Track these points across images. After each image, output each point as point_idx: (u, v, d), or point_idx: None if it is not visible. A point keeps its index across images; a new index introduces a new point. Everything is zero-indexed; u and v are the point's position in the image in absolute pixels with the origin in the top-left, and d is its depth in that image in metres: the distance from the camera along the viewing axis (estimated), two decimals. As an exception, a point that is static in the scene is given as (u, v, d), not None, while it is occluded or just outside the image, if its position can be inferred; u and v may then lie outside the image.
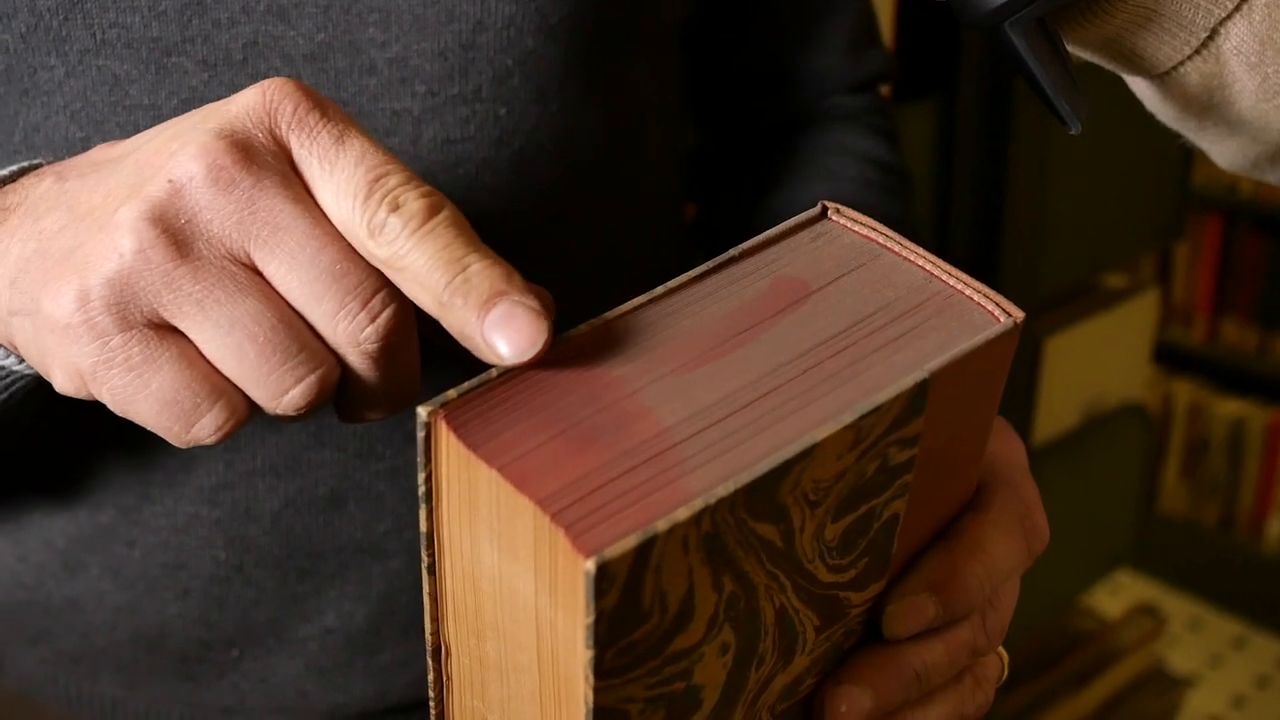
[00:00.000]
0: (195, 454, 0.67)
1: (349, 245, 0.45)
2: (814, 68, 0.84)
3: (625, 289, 0.49)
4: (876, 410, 0.44)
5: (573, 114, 0.68)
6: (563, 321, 0.48)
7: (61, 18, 0.60)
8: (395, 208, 0.44)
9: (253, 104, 0.46)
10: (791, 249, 0.51)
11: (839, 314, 0.48)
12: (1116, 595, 2.64)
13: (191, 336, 0.45)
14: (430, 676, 0.50)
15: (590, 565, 0.39)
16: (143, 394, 0.45)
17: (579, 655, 0.41)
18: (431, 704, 0.50)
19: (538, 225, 0.68)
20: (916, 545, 0.54)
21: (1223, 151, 0.63)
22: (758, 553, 0.44)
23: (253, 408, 0.47)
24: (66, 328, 0.45)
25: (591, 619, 0.40)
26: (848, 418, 0.43)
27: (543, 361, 0.45)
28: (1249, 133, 0.59)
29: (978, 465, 0.55)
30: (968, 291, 0.49)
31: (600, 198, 0.72)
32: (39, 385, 0.53)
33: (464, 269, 0.44)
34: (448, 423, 0.43)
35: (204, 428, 0.46)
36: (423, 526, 0.46)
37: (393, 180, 0.45)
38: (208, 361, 0.45)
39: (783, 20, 0.82)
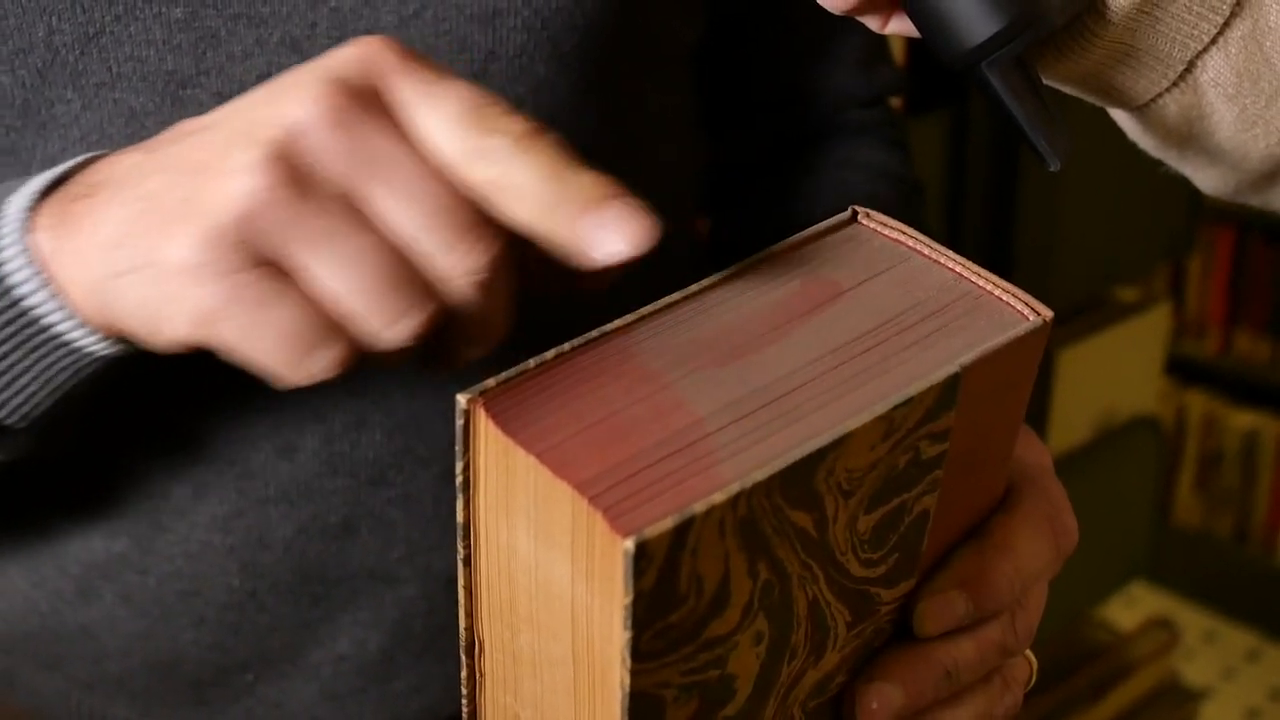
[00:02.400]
0: (207, 482, 0.67)
1: (454, 185, 0.46)
2: (827, 83, 0.84)
3: (638, 307, 0.50)
4: (909, 402, 0.45)
5: (585, 140, 0.68)
6: (569, 337, 0.49)
7: (78, 52, 0.60)
8: (501, 131, 0.46)
9: (353, 55, 0.47)
10: (822, 251, 0.52)
11: (870, 312, 0.49)
12: (1131, 608, 2.63)
13: (311, 271, 0.46)
14: (463, 673, 0.50)
15: (629, 544, 0.40)
16: (268, 330, 0.46)
17: (616, 639, 0.42)
18: (464, 701, 0.51)
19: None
20: (946, 545, 0.55)
21: (1205, 179, 0.63)
22: (792, 541, 0.45)
23: (356, 349, 0.48)
24: (196, 268, 0.45)
25: (630, 599, 0.41)
26: (881, 408, 0.45)
27: (579, 354, 0.47)
28: (1229, 161, 0.59)
29: (1007, 466, 0.56)
30: (996, 292, 0.50)
31: (611, 220, 0.73)
32: (103, 372, 0.54)
33: (575, 175, 0.46)
34: (486, 410, 0.44)
35: (319, 360, 0.47)
36: (459, 517, 0.46)
37: (496, 108, 0.46)
38: (319, 298, 0.46)
39: (795, 37, 0.82)
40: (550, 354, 0.46)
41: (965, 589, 0.53)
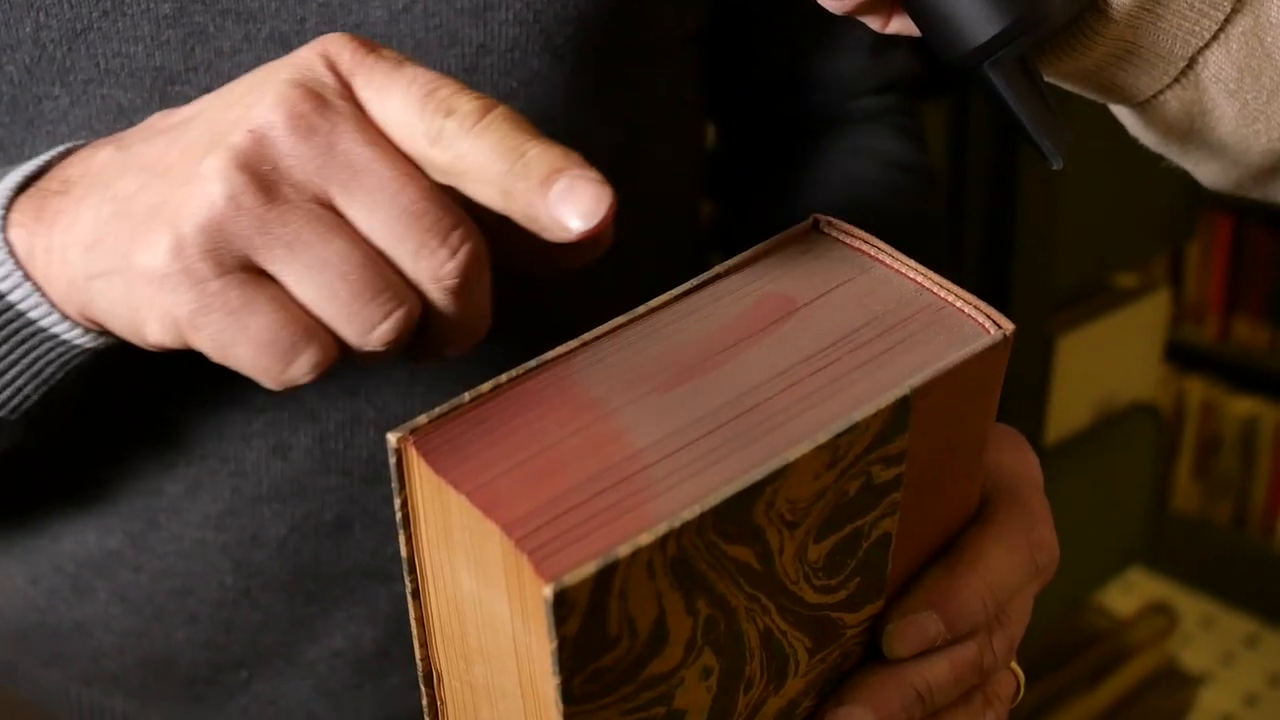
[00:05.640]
0: (200, 480, 0.67)
1: (426, 184, 0.46)
2: (836, 70, 0.83)
3: (636, 299, 0.50)
4: (853, 429, 0.43)
5: (579, 133, 0.68)
6: (572, 333, 0.48)
7: (65, 48, 0.60)
8: (449, 112, 0.45)
9: (313, 54, 0.47)
10: (780, 263, 0.50)
11: (824, 330, 0.47)
12: (1129, 593, 2.63)
13: (282, 279, 0.46)
14: (424, 701, 0.50)
15: (548, 592, 0.38)
16: (242, 336, 0.46)
17: (550, 681, 0.41)
18: None
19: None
20: (916, 563, 0.53)
21: (1206, 173, 0.63)
22: (733, 575, 0.44)
23: (341, 347, 0.48)
24: (164, 277, 0.45)
25: (555, 645, 0.39)
26: (822, 437, 0.43)
27: (516, 384, 0.45)
28: (1230, 156, 0.59)
29: (978, 479, 0.54)
30: (958, 304, 0.48)
31: (609, 212, 0.72)
32: (91, 364, 0.54)
33: (522, 155, 0.45)
34: (417, 449, 0.43)
35: (300, 366, 0.47)
36: (403, 551, 0.46)
37: (445, 90, 0.46)
38: (298, 302, 0.46)
39: (803, 23, 0.81)
40: (486, 386, 0.45)
41: (936, 609, 0.52)
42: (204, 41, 0.61)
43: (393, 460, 0.44)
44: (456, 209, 0.47)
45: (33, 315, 0.51)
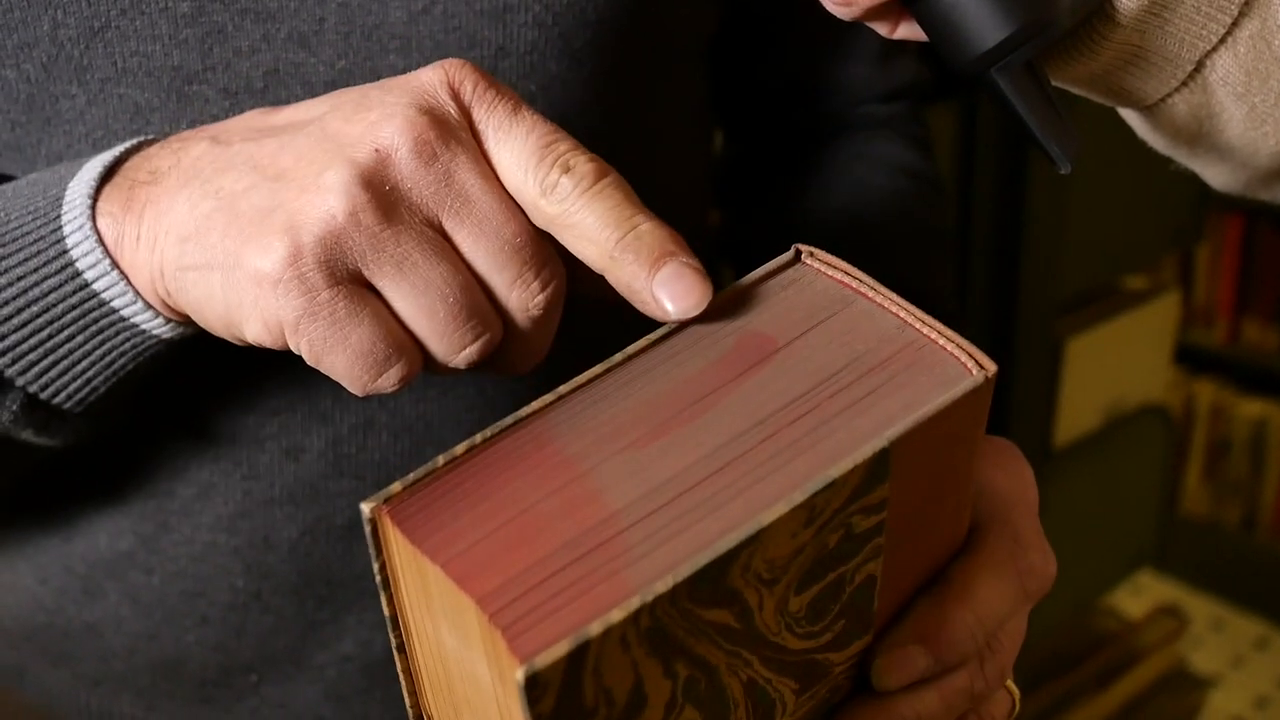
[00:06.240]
0: (213, 483, 0.67)
1: (526, 220, 0.49)
2: (843, 76, 0.83)
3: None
4: (831, 486, 0.43)
5: (595, 137, 0.68)
6: (585, 336, 0.48)
7: (83, 47, 0.60)
8: (566, 169, 0.48)
9: (439, 80, 0.49)
10: (761, 299, 0.50)
11: (804, 373, 0.47)
12: (1139, 596, 2.63)
13: (387, 294, 0.48)
14: None
15: (520, 675, 0.38)
16: (341, 345, 0.48)
17: None
18: None
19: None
20: (904, 596, 0.52)
21: (1215, 175, 0.63)
22: (711, 637, 0.43)
23: (425, 362, 0.50)
24: (276, 282, 0.46)
25: None
26: (798, 496, 0.42)
27: (492, 444, 0.45)
28: (1239, 158, 0.59)
29: (965, 510, 0.53)
30: (941, 341, 0.48)
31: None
32: (163, 355, 0.55)
33: (634, 227, 0.48)
34: (392, 518, 0.43)
35: (389, 378, 0.49)
36: (385, 610, 0.46)
37: (563, 145, 0.48)
38: (396, 317, 0.48)
39: (811, 29, 0.81)
40: (460, 448, 0.45)
41: (925, 643, 0.52)
42: (222, 41, 0.61)
43: (368, 529, 0.44)
44: (549, 246, 0.49)
45: (116, 304, 0.52)
